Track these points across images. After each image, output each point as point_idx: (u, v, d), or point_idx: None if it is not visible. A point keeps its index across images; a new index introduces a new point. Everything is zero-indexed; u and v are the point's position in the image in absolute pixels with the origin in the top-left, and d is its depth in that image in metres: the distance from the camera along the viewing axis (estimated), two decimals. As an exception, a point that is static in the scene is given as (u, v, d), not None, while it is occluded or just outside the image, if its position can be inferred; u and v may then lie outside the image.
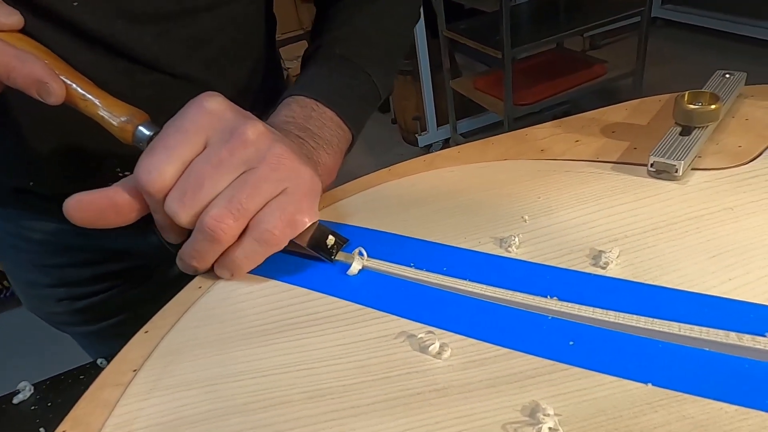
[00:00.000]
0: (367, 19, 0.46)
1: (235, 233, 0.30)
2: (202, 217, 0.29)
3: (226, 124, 0.30)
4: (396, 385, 0.25)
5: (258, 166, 0.30)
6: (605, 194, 0.34)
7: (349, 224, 0.37)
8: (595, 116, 0.44)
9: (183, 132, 0.30)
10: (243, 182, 0.30)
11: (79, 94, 0.31)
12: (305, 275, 0.33)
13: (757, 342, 0.23)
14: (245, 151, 0.30)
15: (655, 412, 0.22)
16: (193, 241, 0.30)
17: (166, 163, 0.29)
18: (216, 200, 0.29)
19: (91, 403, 0.27)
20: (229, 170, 0.29)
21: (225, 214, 0.29)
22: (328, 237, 0.33)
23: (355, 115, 0.42)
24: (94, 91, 0.31)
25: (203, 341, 0.29)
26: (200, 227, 0.29)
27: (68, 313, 0.53)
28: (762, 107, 0.40)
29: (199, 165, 0.29)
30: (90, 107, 0.31)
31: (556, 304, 0.27)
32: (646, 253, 0.29)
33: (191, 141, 0.29)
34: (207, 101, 0.30)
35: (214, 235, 0.29)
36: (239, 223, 0.29)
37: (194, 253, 0.31)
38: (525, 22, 1.87)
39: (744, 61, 2.18)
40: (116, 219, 0.32)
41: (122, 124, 0.31)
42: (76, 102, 0.31)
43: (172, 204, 0.29)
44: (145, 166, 0.29)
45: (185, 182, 0.29)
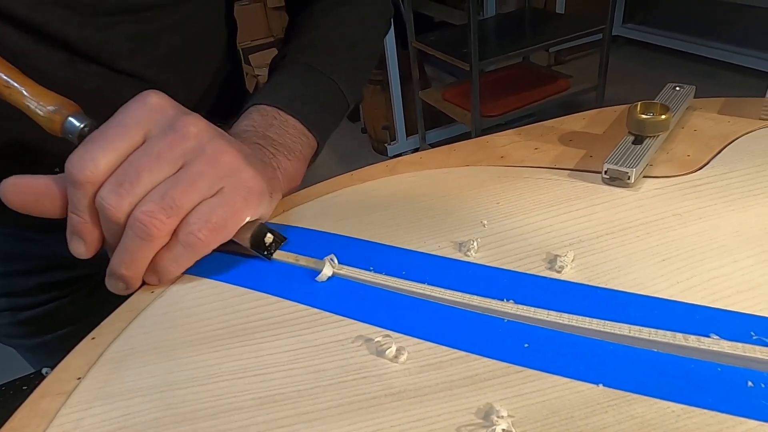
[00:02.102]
0: (333, 26, 0.46)
1: (167, 230, 0.28)
2: (133, 213, 0.28)
3: (167, 119, 0.29)
4: (351, 390, 0.24)
5: (196, 160, 0.29)
6: (562, 200, 0.35)
7: (308, 227, 0.36)
8: (554, 125, 0.45)
9: (122, 125, 0.29)
10: (178, 177, 0.29)
11: (2, 80, 0.29)
12: (260, 279, 0.32)
13: (701, 342, 0.24)
14: (185, 145, 0.29)
15: (605, 413, 0.22)
16: (124, 242, 0.29)
17: (100, 153, 0.28)
18: (149, 195, 0.28)
19: (29, 414, 0.25)
20: (168, 163, 0.28)
21: (157, 210, 0.28)
22: (266, 235, 0.33)
23: (319, 122, 0.41)
24: (19, 78, 0.30)
25: (152, 347, 0.28)
26: (132, 223, 0.28)
27: (10, 325, 0.50)
28: (709, 119, 0.42)
29: (138, 156, 0.28)
30: (15, 95, 0.29)
31: (512, 307, 0.27)
32: (600, 257, 0.30)
33: (130, 134, 0.28)
34: (149, 96, 0.29)
35: (147, 230, 0.28)
36: (172, 220, 0.28)
37: (125, 257, 0.29)
38: (492, 35, 1.91)
39: (696, 77, 2.30)
40: (51, 207, 0.30)
41: (50, 114, 0.30)
42: (0, 90, 0.29)
43: (107, 195, 0.28)
44: (78, 156, 0.28)
45: (122, 173, 0.28)
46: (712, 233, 0.30)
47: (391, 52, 1.88)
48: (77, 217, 0.29)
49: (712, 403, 0.22)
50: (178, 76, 0.42)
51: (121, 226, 0.28)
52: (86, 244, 0.30)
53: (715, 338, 0.24)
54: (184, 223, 0.29)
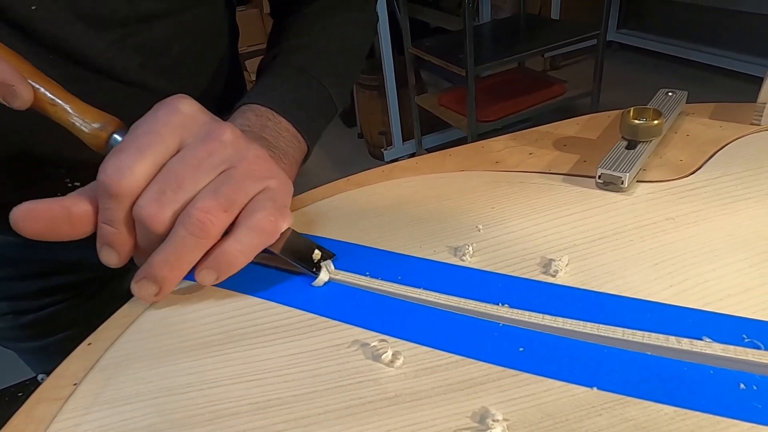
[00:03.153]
0: (324, 30, 0.46)
1: (223, 226, 0.28)
2: (187, 210, 0.27)
3: (202, 126, 0.29)
4: (347, 394, 0.25)
5: (239, 164, 0.29)
6: (556, 205, 0.35)
7: (305, 233, 0.36)
8: (548, 130, 0.45)
9: (155, 133, 0.28)
10: (227, 177, 0.28)
11: (47, 98, 0.29)
12: (256, 284, 0.32)
13: (694, 345, 0.24)
14: (224, 151, 0.29)
15: (599, 416, 0.22)
16: (170, 243, 0.27)
17: (137, 162, 0.27)
18: (201, 194, 0.27)
19: (25, 420, 0.25)
20: (208, 170, 0.28)
21: (213, 205, 0.27)
22: (314, 251, 0.32)
23: (310, 126, 0.41)
24: (64, 95, 0.29)
25: (148, 353, 0.28)
26: (184, 221, 0.27)
27: (12, 328, 0.50)
28: (702, 124, 0.43)
29: (177, 164, 0.28)
30: (60, 113, 0.29)
31: (507, 312, 0.28)
32: (594, 261, 0.30)
33: (165, 142, 0.28)
34: (180, 103, 0.29)
35: (202, 227, 0.27)
36: (228, 214, 0.28)
37: (170, 257, 0.27)
38: (488, 41, 1.92)
39: (689, 82, 2.32)
40: (70, 231, 0.29)
41: (95, 131, 0.29)
42: (45, 107, 0.29)
43: (148, 204, 0.27)
44: (113, 166, 0.27)
45: (163, 181, 0.27)
46: (704, 237, 0.31)
47: (387, 57, 1.89)
48: (111, 228, 0.28)
49: (705, 405, 0.22)
50: (184, 84, 0.42)
51: (161, 234, 0.28)
52: (119, 255, 0.29)
53: (708, 341, 0.24)
54: (248, 211, 0.28)
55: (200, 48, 0.43)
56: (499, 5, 2.57)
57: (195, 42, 0.42)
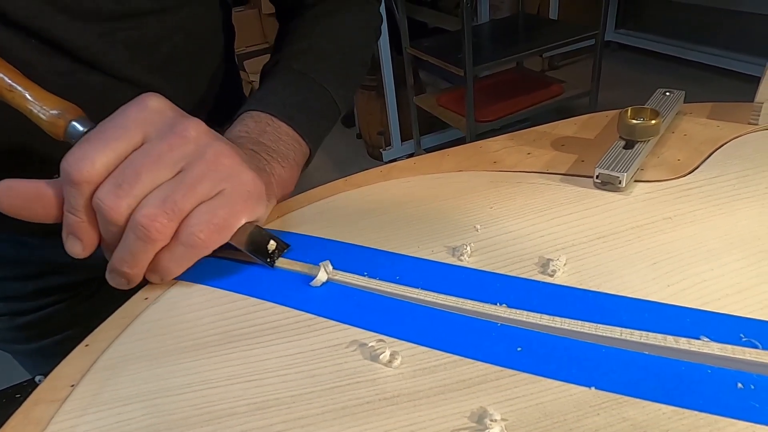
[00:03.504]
0: (325, 33, 0.46)
1: (168, 233, 0.28)
2: (134, 216, 0.28)
3: (167, 121, 0.29)
4: (345, 395, 0.25)
5: (196, 163, 0.29)
6: (554, 204, 0.35)
7: (303, 233, 0.36)
8: (546, 130, 0.45)
9: (120, 126, 0.28)
10: (179, 180, 0.29)
11: (5, 84, 0.29)
12: (254, 284, 0.32)
13: (692, 345, 0.24)
14: (185, 147, 0.29)
15: (597, 415, 0.22)
16: (125, 242, 0.29)
17: (98, 153, 0.27)
18: (149, 198, 0.28)
19: (22, 421, 0.25)
20: (167, 165, 0.28)
21: (159, 213, 0.28)
22: (269, 242, 0.33)
23: (312, 129, 0.41)
24: (22, 81, 0.29)
25: (146, 354, 0.28)
26: (133, 226, 0.28)
27: (8, 329, 0.50)
28: (699, 123, 0.43)
29: (137, 158, 0.28)
30: (17, 99, 0.29)
31: (505, 311, 0.28)
32: (592, 261, 0.30)
33: (128, 135, 0.28)
34: (149, 99, 0.29)
35: (148, 234, 0.28)
36: (173, 223, 0.28)
37: (126, 256, 0.29)
38: (486, 41, 1.92)
39: (687, 82, 2.32)
40: (42, 212, 0.29)
41: (53, 118, 0.29)
42: (2, 93, 0.29)
43: (105, 196, 0.27)
44: (75, 155, 0.27)
45: (121, 174, 0.28)
46: (701, 237, 0.31)
47: (385, 57, 1.89)
48: (74, 217, 0.29)
49: (703, 404, 0.22)
50: (177, 82, 0.42)
51: (119, 226, 0.28)
52: (83, 244, 0.30)
53: (705, 340, 0.24)
54: (185, 224, 0.29)
55: (192, 47, 0.43)
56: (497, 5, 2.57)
57: (187, 41, 0.42)
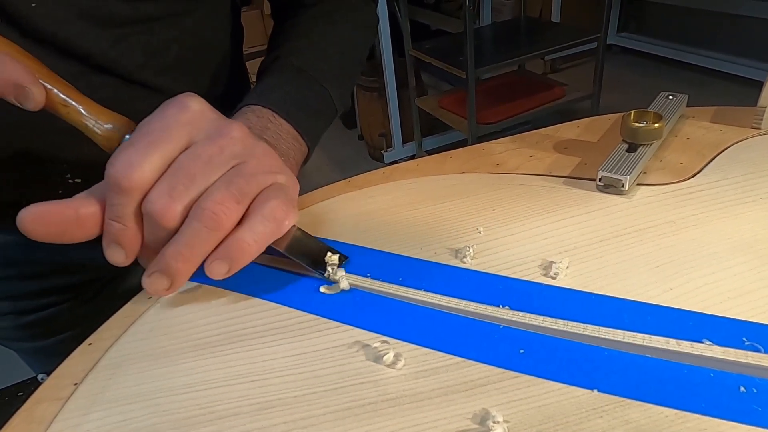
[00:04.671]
0: (324, 33, 0.46)
1: (236, 217, 0.28)
2: (199, 202, 0.27)
3: (211, 123, 0.29)
4: (348, 395, 0.25)
5: (249, 160, 0.29)
6: (557, 207, 0.36)
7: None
8: (549, 133, 0.45)
9: (164, 129, 0.28)
10: (238, 171, 0.28)
11: (60, 99, 0.29)
12: (258, 285, 0.32)
13: (695, 348, 0.24)
14: (234, 148, 0.29)
15: (600, 418, 0.22)
16: (183, 236, 0.27)
17: (146, 157, 0.27)
18: (213, 187, 0.27)
19: (25, 420, 0.25)
20: (218, 165, 0.28)
21: (227, 197, 0.27)
22: (327, 253, 0.32)
23: (311, 128, 0.41)
24: (76, 97, 0.29)
25: (149, 353, 0.28)
26: (198, 213, 0.27)
27: (13, 328, 0.50)
28: (702, 127, 0.43)
29: (187, 160, 0.28)
30: (72, 114, 0.29)
31: (508, 314, 0.28)
32: (594, 264, 0.30)
33: (174, 138, 0.28)
34: (188, 100, 0.29)
35: (216, 218, 0.27)
36: (241, 206, 0.28)
37: (183, 249, 0.27)
38: (488, 44, 1.93)
39: (689, 85, 2.33)
40: (80, 234, 0.28)
41: (107, 132, 0.29)
42: (57, 108, 0.29)
43: (158, 199, 0.27)
44: (122, 160, 0.26)
45: (173, 177, 0.27)
46: (704, 240, 0.31)
47: (387, 59, 1.89)
48: (119, 225, 0.28)
49: (705, 408, 0.22)
50: (186, 83, 0.42)
51: (171, 230, 0.28)
52: (126, 252, 0.29)
53: (708, 344, 0.24)
54: (260, 200, 0.28)
55: (201, 48, 0.44)
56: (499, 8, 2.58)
57: (197, 43, 0.43)
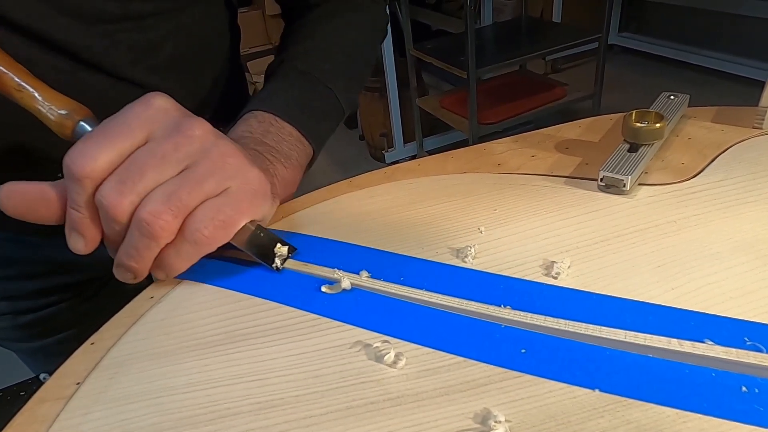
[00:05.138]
0: (329, 33, 0.46)
1: (173, 229, 0.28)
2: (137, 212, 0.28)
3: (172, 120, 0.29)
4: (350, 395, 0.25)
5: (202, 161, 0.29)
6: (558, 207, 0.36)
7: (306, 234, 0.36)
8: (550, 133, 0.45)
9: (124, 124, 0.28)
10: (184, 177, 0.28)
11: (14, 83, 0.29)
12: (258, 285, 0.32)
13: (696, 348, 0.24)
14: (190, 146, 0.29)
15: (601, 417, 0.22)
16: (129, 239, 0.29)
17: (101, 149, 0.27)
18: (153, 194, 0.28)
19: (28, 419, 0.25)
20: (172, 163, 0.28)
21: (163, 210, 0.27)
22: (277, 245, 0.32)
23: (315, 129, 0.41)
24: (31, 81, 0.29)
25: (151, 353, 0.28)
26: (137, 223, 0.28)
27: (11, 328, 0.50)
28: (703, 127, 0.43)
29: (142, 155, 0.28)
30: (26, 98, 0.29)
31: (510, 313, 0.28)
32: (596, 264, 0.30)
33: (132, 133, 0.28)
34: (154, 98, 0.29)
35: (152, 230, 0.28)
36: (177, 219, 0.28)
37: (131, 251, 0.29)
38: (489, 44, 1.93)
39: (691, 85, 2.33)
40: (45, 214, 0.29)
41: (61, 118, 0.29)
42: (11, 92, 0.29)
43: (108, 193, 0.27)
44: (77, 151, 0.27)
45: (125, 171, 0.28)
46: (706, 240, 0.31)
47: (389, 59, 1.89)
48: (76, 213, 0.29)
49: (707, 408, 0.22)
50: (181, 84, 0.42)
51: (122, 223, 0.28)
52: (85, 240, 0.30)
53: (710, 344, 0.24)
54: (189, 221, 0.29)
55: (196, 48, 0.43)
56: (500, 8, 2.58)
57: (190, 42, 0.42)
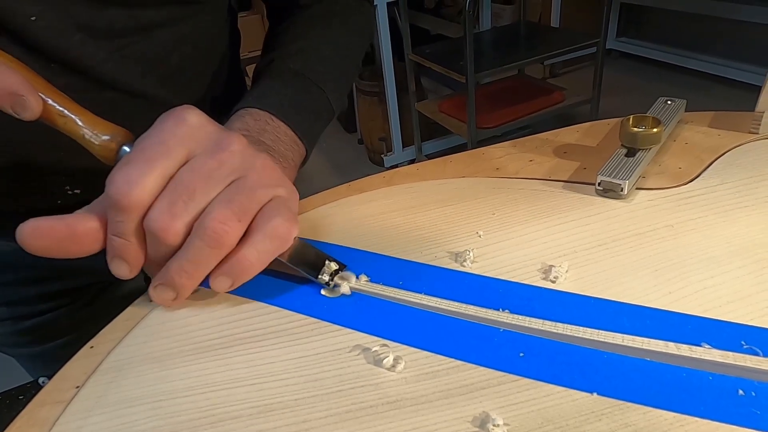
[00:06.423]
0: (321, 35, 0.46)
1: (238, 236, 0.28)
2: (201, 221, 0.27)
3: (209, 136, 0.29)
4: (348, 399, 0.25)
5: (248, 174, 0.29)
6: (556, 211, 0.36)
7: (305, 238, 0.36)
8: (548, 137, 0.46)
9: (162, 144, 0.28)
10: (238, 187, 0.28)
11: (57, 110, 0.29)
12: (258, 288, 0.32)
13: (693, 352, 0.24)
14: (233, 161, 0.29)
15: (599, 421, 0.22)
16: (186, 253, 0.28)
17: (145, 175, 0.27)
18: (213, 205, 0.27)
19: (28, 423, 0.25)
20: (219, 180, 0.28)
21: (229, 215, 0.27)
22: (326, 262, 0.32)
23: (309, 130, 0.42)
24: (73, 107, 0.29)
25: (150, 356, 0.28)
26: (200, 232, 0.27)
27: (11, 334, 0.50)
28: (700, 132, 0.43)
29: (187, 175, 0.27)
30: (69, 125, 0.29)
31: (508, 317, 0.28)
32: (594, 268, 0.30)
33: (173, 153, 0.28)
34: (186, 113, 0.29)
35: (218, 237, 0.27)
36: (243, 224, 0.28)
37: (187, 266, 0.28)
38: (488, 48, 1.93)
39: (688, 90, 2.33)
40: (77, 249, 0.28)
41: (105, 143, 0.29)
42: (54, 119, 0.29)
43: (159, 216, 0.27)
44: (122, 178, 0.27)
45: (173, 193, 0.27)
46: (703, 244, 0.31)
47: (387, 64, 1.90)
48: (121, 240, 0.28)
49: (704, 411, 0.22)
50: (184, 91, 0.42)
51: (173, 246, 0.28)
52: (130, 266, 0.29)
53: (707, 347, 0.25)
54: (261, 218, 0.28)
55: (200, 56, 0.44)
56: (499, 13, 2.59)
57: (195, 50, 0.43)
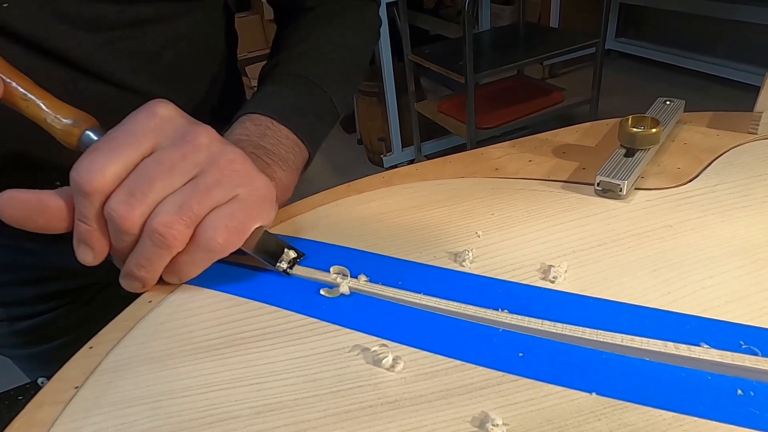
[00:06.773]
0: (324, 37, 0.46)
1: (185, 239, 0.28)
2: (149, 223, 0.28)
3: (178, 129, 0.29)
4: (347, 399, 0.25)
5: (209, 170, 0.29)
6: (555, 211, 0.36)
7: (305, 238, 0.36)
8: (548, 137, 0.46)
9: (130, 134, 0.28)
10: (194, 186, 0.28)
11: (19, 93, 0.29)
12: (257, 288, 0.32)
13: (692, 351, 0.24)
14: (197, 155, 0.29)
15: (598, 421, 0.22)
16: (141, 249, 0.29)
17: (108, 162, 0.27)
18: (164, 205, 0.28)
19: (26, 423, 0.25)
20: (180, 173, 0.28)
21: (175, 220, 0.28)
22: (285, 249, 0.33)
23: (311, 132, 0.41)
24: (36, 91, 0.29)
25: (150, 357, 0.28)
26: (149, 233, 0.28)
27: (7, 335, 0.50)
28: (699, 132, 0.43)
29: (149, 166, 0.28)
30: (32, 108, 0.29)
31: (507, 317, 0.28)
32: (593, 268, 0.30)
33: (139, 143, 0.28)
34: (157, 106, 0.29)
35: (165, 240, 0.28)
36: (189, 229, 0.28)
37: (142, 261, 0.29)
38: (487, 49, 1.93)
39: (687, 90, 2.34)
40: (44, 223, 0.29)
41: (67, 127, 0.29)
42: (17, 102, 0.29)
43: (117, 205, 0.27)
44: (84, 164, 0.27)
45: (133, 183, 0.28)
46: (701, 244, 0.31)
47: (387, 64, 1.90)
48: (84, 225, 0.29)
49: (703, 411, 0.22)
50: (180, 90, 0.42)
51: (132, 235, 0.28)
52: (94, 252, 0.29)
53: (706, 347, 0.25)
54: (202, 228, 0.29)
55: (195, 54, 0.43)
56: (498, 13, 2.59)
57: (190, 49, 0.42)
